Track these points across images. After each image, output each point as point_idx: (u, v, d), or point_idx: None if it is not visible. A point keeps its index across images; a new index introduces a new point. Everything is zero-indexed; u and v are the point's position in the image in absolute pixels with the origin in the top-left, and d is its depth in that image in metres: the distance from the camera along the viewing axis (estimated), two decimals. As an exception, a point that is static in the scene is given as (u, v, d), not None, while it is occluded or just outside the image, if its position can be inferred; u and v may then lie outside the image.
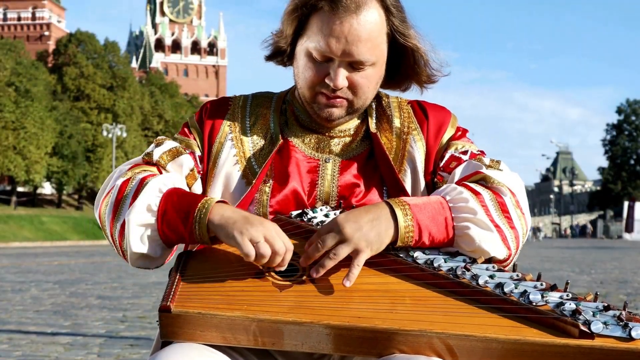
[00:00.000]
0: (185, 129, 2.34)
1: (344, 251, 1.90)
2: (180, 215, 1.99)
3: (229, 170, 2.25)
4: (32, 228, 62.90)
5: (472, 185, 2.07)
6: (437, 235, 1.98)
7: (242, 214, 1.96)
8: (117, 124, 77.97)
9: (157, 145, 2.26)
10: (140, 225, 2.01)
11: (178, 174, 2.21)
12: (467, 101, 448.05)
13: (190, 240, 2.01)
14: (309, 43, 2.17)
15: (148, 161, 2.22)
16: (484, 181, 2.09)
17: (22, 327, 8.57)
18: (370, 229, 1.93)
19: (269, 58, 2.34)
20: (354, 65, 2.16)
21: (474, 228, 1.97)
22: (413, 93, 2.37)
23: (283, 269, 1.93)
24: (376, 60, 2.18)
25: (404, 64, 2.28)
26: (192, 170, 2.24)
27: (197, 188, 2.26)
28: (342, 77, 2.14)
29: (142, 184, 2.07)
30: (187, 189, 2.18)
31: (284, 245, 1.91)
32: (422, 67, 2.28)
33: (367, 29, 2.12)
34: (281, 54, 2.31)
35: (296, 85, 2.29)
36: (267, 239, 1.90)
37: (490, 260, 1.95)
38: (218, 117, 2.31)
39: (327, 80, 2.16)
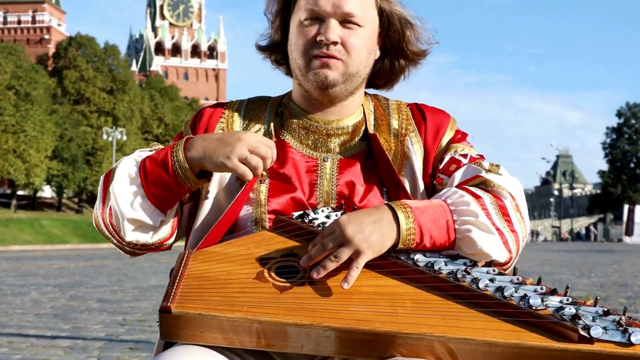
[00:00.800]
0: (178, 136, 2.35)
1: (345, 253, 1.90)
2: (159, 167, 2.06)
3: (221, 173, 2.26)
4: (32, 231, 62.96)
5: (473, 188, 2.07)
6: (439, 238, 1.98)
7: (214, 138, 2.06)
8: (117, 127, 78.20)
9: (151, 149, 2.28)
10: (126, 192, 2.08)
11: None
12: (467, 104, 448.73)
13: (179, 188, 2.07)
14: (300, 13, 2.21)
15: (136, 159, 2.24)
16: (484, 185, 2.10)
17: (22, 331, 8.56)
18: (372, 231, 1.92)
19: (262, 48, 2.37)
20: (345, 22, 2.18)
21: (476, 231, 1.97)
22: (414, 68, 2.37)
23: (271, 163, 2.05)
24: (365, 22, 2.21)
25: (397, 39, 2.30)
26: None
27: (186, 209, 2.29)
28: (333, 29, 2.17)
29: (121, 163, 2.15)
30: None
31: (268, 147, 2.03)
32: (412, 38, 2.31)
33: None
34: (275, 47, 2.34)
35: (292, 66, 2.29)
36: (252, 149, 2.01)
37: (491, 263, 1.95)
38: (212, 121, 2.33)
39: (319, 38, 2.17)
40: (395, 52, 2.33)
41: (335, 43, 2.17)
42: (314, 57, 2.19)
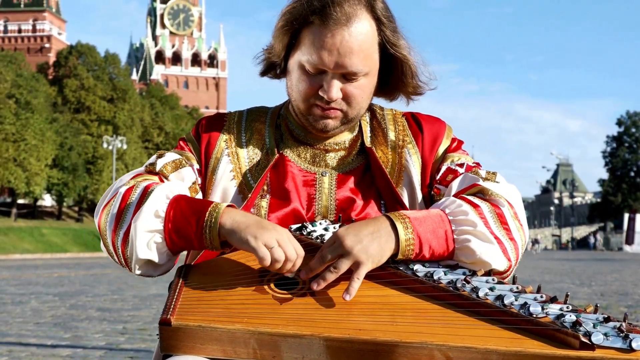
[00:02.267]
0: (182, 143, 2.35)
1: (344, 265, 1.90)
2: (190, 220, 1.99)
3: (225, 186, 2.27)
4: (32, 240, 62.90)
5: (470, 197, 2.07)
6: (438, 248, 1.98)
7: (253, 218, 1.97)
8: (117, 136, 78.23)
9: (159, 157, 2.27)
10: (147, 231, 2.01)
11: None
12: (467, 113, 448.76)
13: (199, 245, 2.00)
14: (302, 56, 2.18)
15: (151, 170, 2.23)
16: (482, 193, 2.10)
17: (22, 340, 8.55)
18: (371, 241, 1.92)
19: (263, 73, 2.36)
20: (347, 77, 2.16)
21: (475, 240, 1.97)
22: (405, 105, 2.38)
23: (292, 275, 1.94)
24: (369, 71, 2.19)
25: (393, 74, 2.29)
26: (193, 182, 2.25)
27: None
28: (335, 89, 2.15)
29: (146, 191, 2.07)
30: None
31: (296, 252, 1.92)
32: (409, 78, 2.28)
33: (359, 40, 2.13)
34: (274, 68, 2.32)
35: (290, 98, 2.30)
36: (280, 244, 1.91)
37: (490, 272, 1.95)
38: (214, 133, 2.33)
39: (321, 93, 2.16)
40: (390, 86, 2.33)
41: (336, 99, 2.18)
42: (315, 106, 2.19)
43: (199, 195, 2.27)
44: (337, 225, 2.10)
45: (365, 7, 2.16)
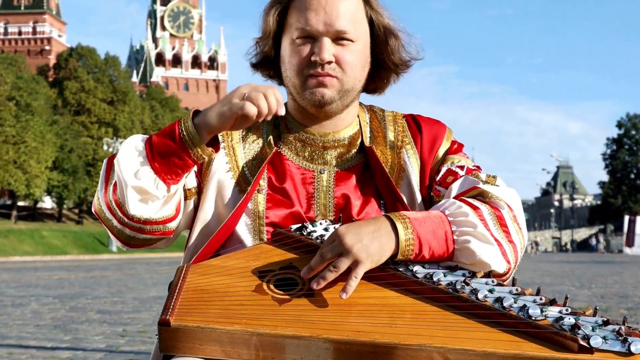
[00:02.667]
0: None
1: (344, 263, 1.91)
2: (166, 137, 2.07)
3: (221, 178, 2.26)
4: (32, 242, 62.86)
5: (471, 200, 2.08)
6: (437, 249, 1.98)
7: (216, 102, 2.06)
8: (117, 138, 78.29)
9: None
10: (131, 162, 2.07)
11: None
12: (468, 115, 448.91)
13: (185, 155, 2.06)
14: (291, 31, 2.22)
15: None
16: (482, 196, 2.11)
17: (22, 342, 8.55)
18: (371, 240, 1.93)
19: (255, 65, 2.38)
20: (338, 39, 2.19)
21: (474, 241, 1.98)
22: (398, 104, 2.39)
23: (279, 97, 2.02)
24: (357, 37, 2.22)
25: (380, 48, 2.31)
26: (189, 189, 2.26)
27: (190, 203, 2.28)
28: (327, 49, 2.18)
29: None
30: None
31: (266, 86, 2.02)
32: (395, 48, 2.31)
33: (345, 1, 2.19)
34: (267, 62, 2.34)
35: (286, 83, 2.31)
36: (252, 90, 2.01)
37: (489, 274, 1.96)
38: None
39: (313, 58, 2.18)
40: (377, 61, 2.33)
41: (329, 62, 2.18)
42: (310, 77, 2.20)
43: (192, 201, 2.28)
44: (337, 225, 2.11)
45: None
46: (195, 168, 2.28)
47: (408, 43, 2.33)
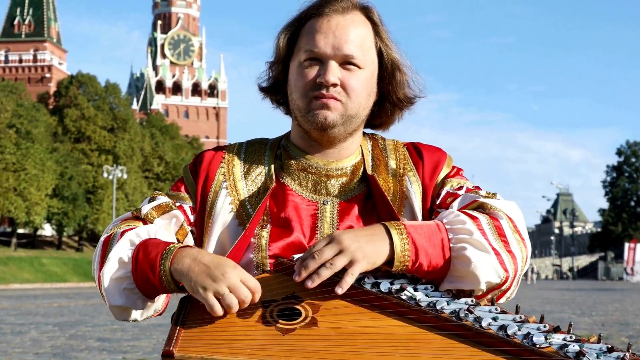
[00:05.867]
0: (178, 183, 2.36)
1: (341, 261, 1.91)
2: (148, 267, 2.02)
3: (225, 218, 2.26)
4: (32, 270, 62.84)
5: (470, 211, 2.09)
6: (434, 256, 1.99)
7: (203, 262, 1.96)
8: (117, 165, 78.23)
9: (150, 200, 2.30)
10: (115, 279, 2.05)
11: (165, 229, 2.22)
12: (469, 143, 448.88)
13: (163, 290, 2.03)
14: (299, 53, 2.23)
15: (137, 216, 2.25)
16: (482, 208, 2.12)
17: (22, 370, 8.52)
18: (367, 242, 1.95)
19: (264, 90, 2.38)
20: (345, 64, 2.20)
21: (470, 249, 1.98)
22: (400, 131, 2.40)
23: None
24: (365, 64, 2.23)
25: (386, 81, 2.31)
26: (181, 227, 2.26)
27: (189, 242, 2.28)
28: (333, 71, 2.18)
29: (120, 238, 2.10)
30: (167, 239, 2.17)
31: (249, 293, 1.91)
32: (400, 83, 2.32)
33: (355, 26, 2.22)
34: (277, 87, 2.35)
35: (291, 106, 2.30)
36: (232, 290, 1.90)
37: (490, 290, 1.96)
38: (212, 166, 2.33)
39: (318, 80, 2.18)
40: (383, 94, 2.34)
41: (334, 85, 2.18)
42: (314, 99, 2.20)
43: (189, 237, 2.28)
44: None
45: (361, 10, 2.26)
46: (191, 204, 2.29)
47: (413, 80, 2.34)
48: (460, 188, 2.28)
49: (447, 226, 2.04)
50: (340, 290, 1.89)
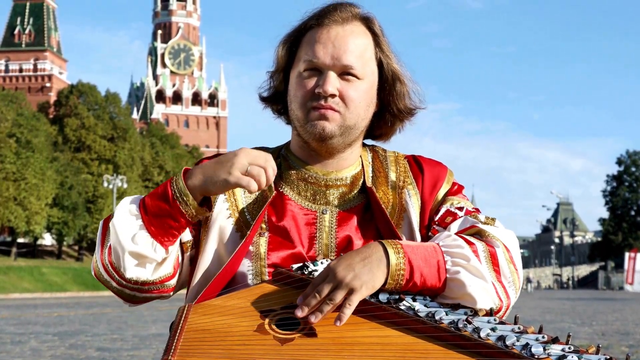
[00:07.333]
0: None
1: (339, 295, 1.91)
2: (159, 199, 2.08)
3: (222, 224, 2.26)
4: (32, 279, 62.77)
5: (467, 236, 2.09)
6: (429, 277, 1.98)
7: (212, 162, 2.08)
8: (117, 175, 78.27)
9: None
10: (126, 227, 2.09)
11: None
12: (469, 152, 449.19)
13: (180, 216, 2.07)
14: (299, 64, 2.24)
15: None
16: (479, 234, 2.11)
17: (21, 380, 8.51)
18: (362, 268, 1.93)
19: (265, 99, 2.39)
20: (344, 74, 2.20)
21: (465, 273, 1.98)
22: (401, 141, 2.40)
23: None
24: (364, 75, 2.23)
25: (386, 92, 2.31)
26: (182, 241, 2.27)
27: (188, 256, 2.29)
28: (331, 82, 2.18)
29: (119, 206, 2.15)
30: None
31: (266, 158, 2.04)
32: (400, 94, 2.32)
33: (354, 37, 2.22)
34: (277, 97, 2.35)
35: (291, 117, 2.31)
36: (251, 162, 2.02)
37: (491, 312, 1.95)
38: None
39: (317, 90, 2.19)
40: (384, 106, 2.34)
41: (333, 96, 2.18)
42: (312, 109, 2.20)
43: (189, 254, 2.29)
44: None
45: (362, 21, 2.26)
46: None
47: (414, 91, 2.34)
48: (460, 208, 2.27)
49: (444, 249, 2.03)
50: (339, 323, 1.88)
